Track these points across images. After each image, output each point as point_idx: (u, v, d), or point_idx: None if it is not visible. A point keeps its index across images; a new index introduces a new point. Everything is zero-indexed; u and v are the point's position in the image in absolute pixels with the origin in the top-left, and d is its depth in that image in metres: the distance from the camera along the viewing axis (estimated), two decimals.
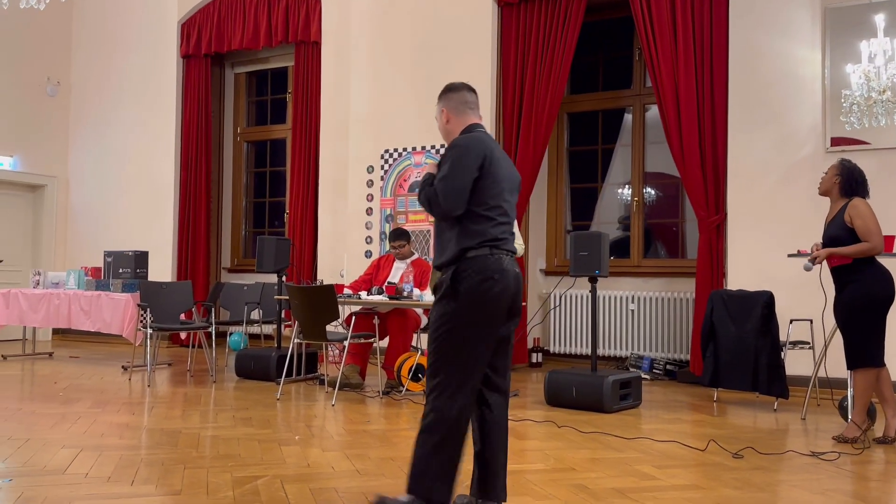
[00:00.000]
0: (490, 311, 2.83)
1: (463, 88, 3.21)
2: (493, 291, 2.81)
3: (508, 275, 2.85)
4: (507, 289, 2.85)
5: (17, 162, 10.25)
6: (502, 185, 2.92)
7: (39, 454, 3.91)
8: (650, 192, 8.19)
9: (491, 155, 2.91)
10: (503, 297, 2.84)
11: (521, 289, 2.94)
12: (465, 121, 3.12)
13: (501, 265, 2.84)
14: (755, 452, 4.17)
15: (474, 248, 2.84)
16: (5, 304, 8.00)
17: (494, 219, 2.88)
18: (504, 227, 2.90)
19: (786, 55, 6.71)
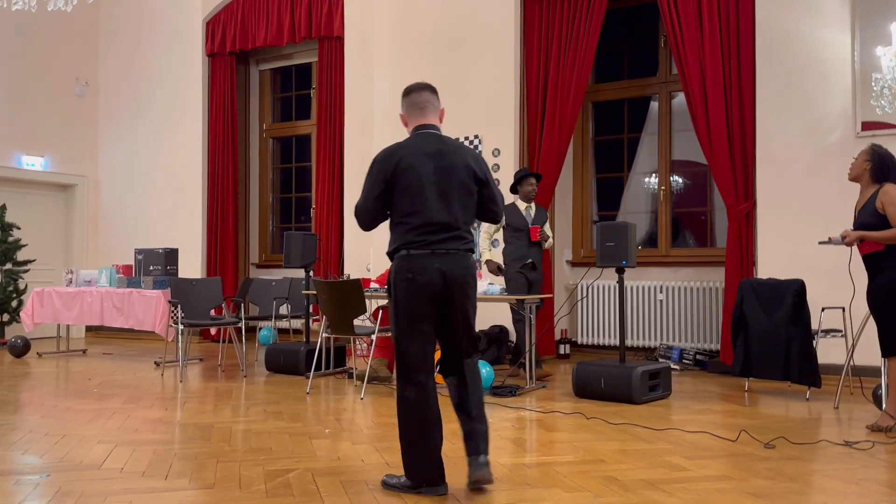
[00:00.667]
0: (415, 305, 3.14)
1: (415, 90, 3.36)
2: (414, 287, 3.13)
3: (430, 271, 3.13)
4: (430, 283, 3.14)
5: (48, 162, 10.41)
6: (419, 190, 3.15)
7: (75, 450, 3.99)
8: (677, 181, 8.12)
9: (399, 164, 3.15)
10: (426, 291, 3.13)
11: (454, 282, 3.18)
12: (416, 122, 3.34)
13: (420, 264, 3.13)
14: (787, 442, 4.13)
15: (396, 251, 3.21)
16: (40, 303, 8.15)
17: (409, 223, 3.16)
18: (425, 229, 3.15)
19: (814, 39, 6.60)
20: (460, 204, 3.23)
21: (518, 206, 6.70)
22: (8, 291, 9.31)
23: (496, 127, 8.08)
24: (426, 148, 3.22)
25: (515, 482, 3.38)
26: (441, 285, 3.16)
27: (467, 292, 3.23)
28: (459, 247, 3.23)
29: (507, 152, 8.02)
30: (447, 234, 3.19)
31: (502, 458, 3.82)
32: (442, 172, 3.19)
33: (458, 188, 3.22)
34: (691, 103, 7.10)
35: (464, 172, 3.23)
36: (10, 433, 4.38)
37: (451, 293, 3.18)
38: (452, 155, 3.23)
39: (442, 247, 3.18)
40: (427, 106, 3.34)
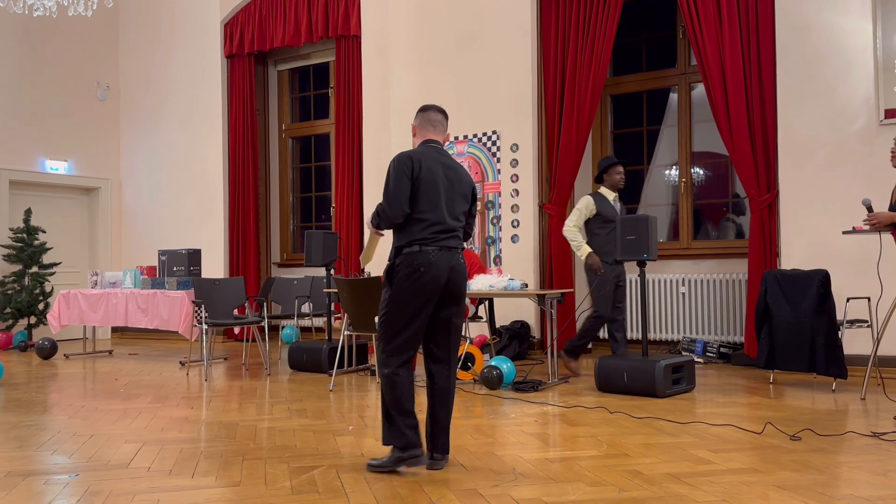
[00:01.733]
0: (418, 297, 3.45)
1: (431, 109, 3.78)
2: (421, 281, 3.44)
3: (438, 267, 3.46)
4: (436, 278, 3.46)
5: (72, 166, 10.54)
6: (436, 193, 3.51)
7: (103, 449, 4.04)
8: (698, 173, 8.06)
9: (422, 166, 3.52)
10: (432, 285, 3.45)
11: (459, 277, 3.54)
12: (425, 136, 3.74)
13: (429, 259, 3.45)
14: (814, 434, 4.09)
15: (406, 245, 3.49)
16: (66, 305, 8.25)
17: (425, 220, 3.49)
18: (436, 228, 3.49)
19: (835, 26, 6.52)
20: (461, 211, 3.65)
21: (607, 196, 6.35)
22: (34, 294, 9.44)
23: (514, 122, 8.06)
24: (442, 160, 3.62)
25: (539, 476, 3.38)
26: (446, 279, 3.50)
27: (461, 288, 3.60)
28: (458, 246, 3.61)
29: (525, 147, 8.00)
30: (450, 235, 3.56)
31: (525, 453, 3.82)
32: (452, 183, 3.60)
33: (460, 198, 3.63)
34: (711, 94, 7.04)
35: (465, 186, 3.67)
36: (39, 434, 4.45)
37: (450, 287, 3.53)
38: (458, 170, 3.66)
39: (447, 244, 3.53)
40: (439, 126, 3.75)
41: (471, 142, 8.32)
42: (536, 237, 7.97)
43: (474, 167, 8.28)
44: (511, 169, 8.08)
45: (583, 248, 6.23)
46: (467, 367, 6.13)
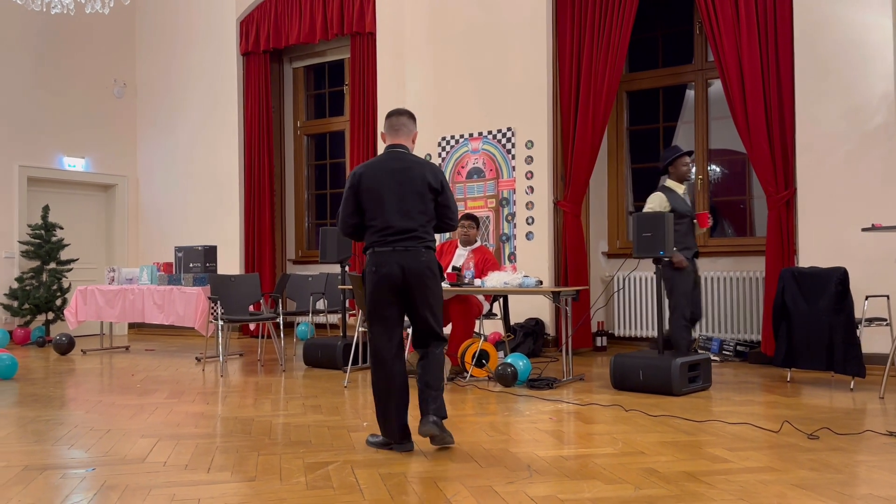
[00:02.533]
0: (378, 291, 3.82)
1: (394, 115, 4.01)
2: (376, 277, 3.81)
3: (387, 266, 3.78)
4: (390, 274, 3.79)
5: (89, 163, 10.62)
6: (380, 199, 3.82)
7: (120, 444, 4.06)
8: (715, 170, 8.00)
9: (363, 178, 3.85)
10: (387, 280, 3.79)
11: (412, 273, 3.79)
12: (390, 140, 3.99)
13: (379, 260, 3.81)
14: (831, 433, 4.05)
15: (365, 250, 3.91)
16: (83, 301, 8.32)
17: (373, 226, 3.84)
18: (385, 231, 3.80)
19: (853, 22, 6.45)
20: (418, 209, 3.84)
21: (676, 190, 6.07)
22: (52, 290, 9.52)
23: (529, 119, 8.04)
24: (391, 164, 3.87)
25: (554, 474, 3.37)
26: (400, 276, 3.78)
27: (425, 282, 3.82)
28: (417, 245, 3.82)
29: (540, 144, 7.98)
30: (405, 235, 3.80)
31: (540, 450, 3.81)
32: (401, 184, 3.83)
33: (415, 196, 3.84)
34: (728, 90, 6.99)
35: (420, 183, 3.85)
36: (56, 428, 4.48)
37: (409, 283, 3.80)
38: (411, 170, 3.86)
39: (401, 245, 3.79)
40: (401, 129, 3.98)
41: (485, 139, 8.30)
42: (551, 234, 7.95)
43: (489, 164, 8.27)
44: (526, 166, 8.06)
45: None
46: (482, 365, 6.12)
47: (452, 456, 3.72)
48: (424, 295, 3.84)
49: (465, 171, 8.44)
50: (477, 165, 8.37)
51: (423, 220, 3.84)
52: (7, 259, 9.65)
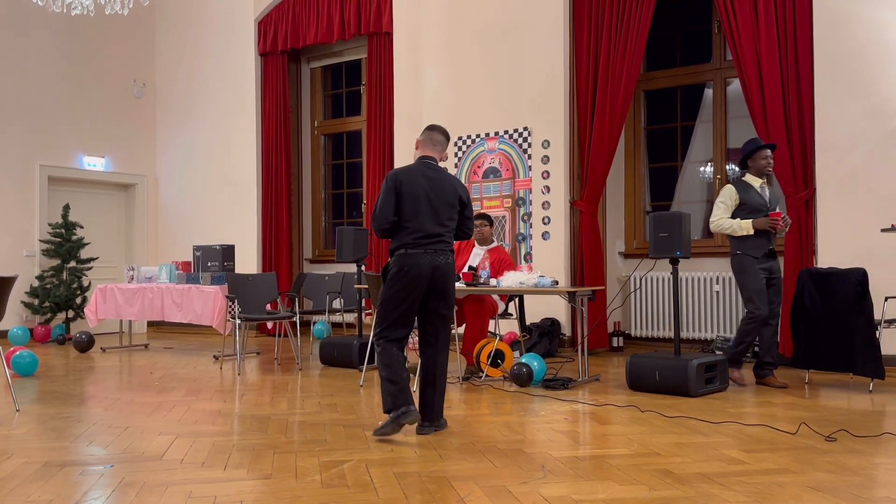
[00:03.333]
0: (403, 289, 4.11)
1: (436, 130, 4.36)
2: (406, 278, 4.10)
3: (420, 266, 4.09)
4: (420, 275, 4.10)
5: (109, 163, 10.72)
6: (416, 204, 4.13)
7: (138, 441, 4.10)
8: (734, 169, 7.95)
9: (404, 181, 4.15)
10: (416, 282, 4.10)
11: (442, 276, 4.15)
12: (424, 152, 4.33)
13: (412, 261, 4.10)
14: (849, 435, 4.02)
15: (396, 249, 4.17)
16: (103, 299, 8.40)
17: (408, 227, 4.13)
18: (418, 234, 4.11)
19: (874, 20, 6.39)
20: (448, 217, 4.20)
21: (752, 183, 5.73)
22: (72, 288, 9.62)
23: (546, 118, 8.02)
24: (427, 173, 4.21)
25: (568, 474, 3.37)
26: (429, 276, 4.12)
27: (448, 283, 4.21)
28: (445, 248, 4.19)
29: (556, 144, 7.96)
30: (435, 239, 4.15)
31: (555, 450, 3.81)
32: (436, 193, 4.17)
33: (446, 206, 4.19)
34: (747, 90, 6.94)
35: (451, 195, 4.22)
36: (75, 425, 4.53)
37: (435, 282, 4.15)
38: (443, 182, 4.21)
39: (432, 248, 4.14)
40: (438, 145, 4.35)
41: (502, 138, 8.30)
42: (567, 234, 7.93)
43: (505, 164, 8.26)
44: (542, 165, 8.04)
45: (744, 224, 5.57)
46: (497, 364, 6.12)
47: (467, 455, 3.73)
48: (446, 293, 4.21)
49: (481, 170, 8.44)
50: (493, 165, 8.36)
51: (450, 227, 4.23)
52: (28, 257, 9.76)
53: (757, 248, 5.59)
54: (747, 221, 5.57)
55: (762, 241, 5.60)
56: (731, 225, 5.63)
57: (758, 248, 5.59)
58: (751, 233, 5.55)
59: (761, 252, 5.59)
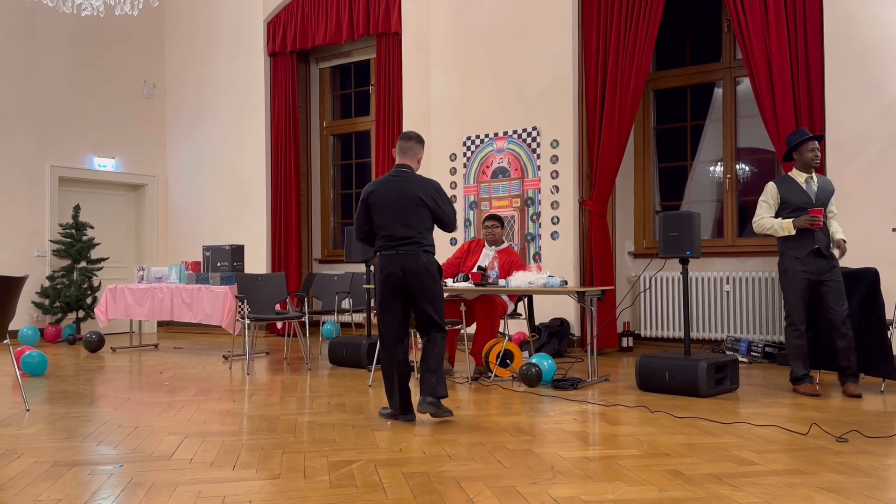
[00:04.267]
0: (383, 291, 4.55)
1: (404, 138, 4.73)
2: (382, 276, 4.55)
3: (391, 267, 4.50)
4: (392, 274, 4.50)
5: (119, 163, 10.76)
6: (384, 212, 4.54)
7: (147, 441, 4.11)
8: (744, 169, 7.91)
9: (372, 193, 4.59)
10: (391, 279, 4.51)
11: (414, 275, 4.48)
12: (398, 160, 4.72)
13: (384, 261, 4.54)
14: (861, 436, 3.99)
15: (375, 252, 4.65)
16: (113, 299, 8.43)
17: (380, 233, 4.58)
18: (389, 239, 4.52)
19: (885, 19, 6.34)
20: (415, 219, 4.52)
21: (796, 178, 5.37)
22: (83, 288, 9.66)
23: (554, 118, 8.00)
24: (394, 182, 4.59)
25: (578, 475, 3.35)
26: (401, 276, 4.49)
27: (422, 280, 4.51)
28: (417, 249, 4.50)
29: (565, 143, 7.94)
30: (405, 241, 4.50)
31: (564, 451, 3.80)
32: (401, 199, 4.53)
33: (410, 209, 4.52)
34: (757, 89, 6.91)
35: (412, 198, 4.54)
36: (85, 425, 4.55)
37: (409, 282, 4.50)
38: (408, 185, 4.56)
39: (402, 249, 4.49)
40: (408, 151, 4.70)
41: (510, 138, 8.28)
42: (577, 234, 7.91)
43: (514, 163, 8.25)
44: (551, 165, 8.03)
45: (784, 224, 5.26)
46: (506, 364, 6.11)
47: (475, 456, 3.72)
48: (423, 291, 4.52)
49: (489, 170, 8.43)
50: (502, 165, 8.35)
51: (420, 229, 4.53)
52: (38, 258, 9.81)
53: (800, 248, 5.24)
54: (788, 221, 5.24)
55: (806, 241, 5.22)
56: (771, 225, 5.32)
57: (801, 248, 5.23)
58: (792, 233, 5.23)
59: (805, 252, 5.22)
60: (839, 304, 5.18)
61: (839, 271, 5.24)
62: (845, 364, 5.22)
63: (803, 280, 5.23)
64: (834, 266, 5.23)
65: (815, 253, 5.22)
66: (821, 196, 5.31)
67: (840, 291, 5.20)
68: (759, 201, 5.46)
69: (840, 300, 5.19)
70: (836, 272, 5.22)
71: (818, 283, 5.23)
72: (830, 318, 5.20)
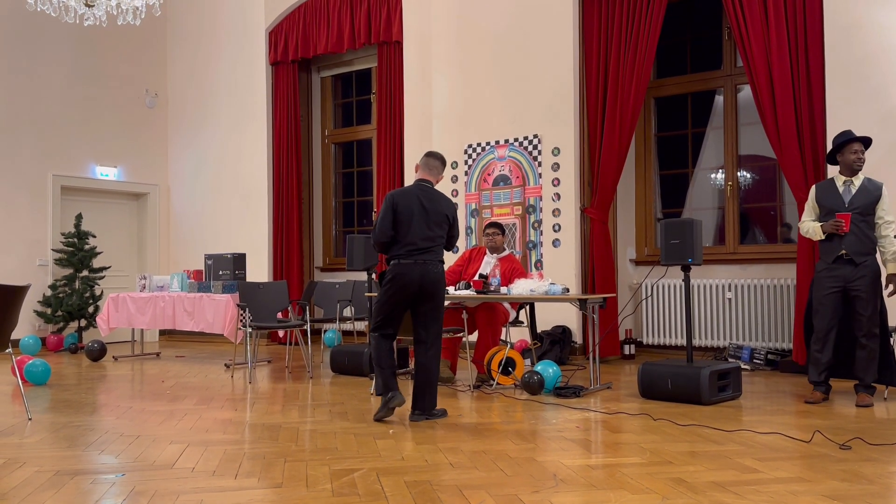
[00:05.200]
0: (395, 294, 4.76)
1: (432, 156, 5.00)
2: (398, 284, 4.74)
3: (409, 275, 4.71)
4: (410, 283, 4.72)
5: (122, 172, 10.78)
6: (409, 221, 4.74)
7: (149, 450, 4.11)
8: (745, 176, 7.92)
9: (399, 202, 4.78)
10: (406, 288, 4.73)
11: (431, 283, 4.73)
12: (421, 175, 4.96)
13: (402, 269, 4.73)
14: (864, 443, 3.98)
15: (391, 259, 4.81)
16: (115, 308, 8.43)
17: (400, 241, 4.76)
18: (409, 247, 4.73)
19: (886, 26, 6.36)
20: (437, 233, 4.80)
21: (835, 182, 5.25)
22: (85, 297, 9.67)
23: (556, 125, 8.02)
24: (420, 194, 4.82)
25: (581, 483, 3.34)
26: (418, 284, 4.72)
27: (437, 289, 4.79)
28: (434, 259, 4.78)
29: (566, 151, 7.95)
30: (423, 251, 4.75)
31: (567, 459, 3.79)
32: (427, 212, 4.78)
33: (435, 223, 4.79)
34: (758, 96, 6.92)
35: (440, 214, 4.82)
36: (87, 434, 4.54)
37: (424, 288, 4.74)
38: (435, 202, 4.82)
39: (422, 258, 4.73)
40: (433, 169, 4.97)
41: (512, 146, 8.30)
42: (578, 241, 7.92)
43: (515, 171, 8.26)
44: (552, 173, 8.03)
45: (815, 228, 5.22)
46: (508, 372, 6.10)
47: (478, 464, 3.71)
48: (434, 298, 4.78)
49: (491, 178, 8.44)
50: (503, 173, 8.36)
51: (439, 241, 4.82)
52: (41, 267, 9.82)
53: (827, 252, 5.18)
54: (818, 225, 5.20)
55: (833, 246, 5.13)
56: (807, 229, 5.29)
57: (828, 252, 5.17)
58: (822, 237, 5.19)
59: (831, 257, 5.14)
60: (864, 314, 5.08)
61: (869, 280, 5.07)
62: (861, 375, 5.17)
63: (829, 286, 5.15)
64: (863, 275, 5.07)
65: (843, 259, 5.11)
66: (858, 201, 5.13)
67: (867, 301, 5.07)
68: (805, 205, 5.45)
69: (866, 310, 5.07)
70: (864, 281, 5.06)
71: (845, 290, 5.13)
72: (853, 327, 5.16)
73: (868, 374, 5.14)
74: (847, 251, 5.10)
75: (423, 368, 4.79)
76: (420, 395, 4.78)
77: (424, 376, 4.78)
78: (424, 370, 4.79)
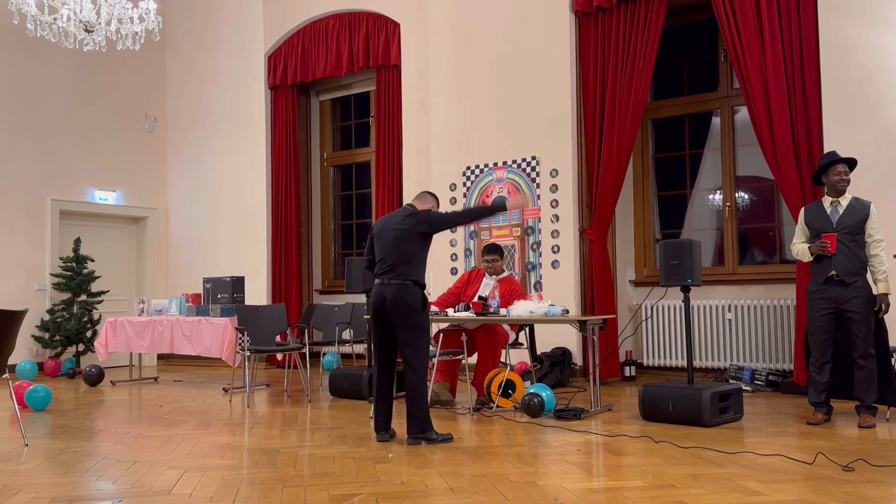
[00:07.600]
0: (372, 316, 4.90)
1: (424, 192, 5.17)
2: (369, 306, 5.04)
3: (375, 296, 4.82)
4: (375, 302, 4.82)
5: (121, 196, 10.80)
6: (381, 243, 4.89)
7: (146, 475, 4.07)
8: (743, 197, 7.93)
9: (376, 226, 4.97)
10: (374, 307, 4.84)
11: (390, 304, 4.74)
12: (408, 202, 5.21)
13: (374, 290, 4.87)
14: (867, 465, 3.95)
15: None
16: (113, 333, 8.40)
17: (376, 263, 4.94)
18: (379, 268, 4.87)
19: (881, 46, 6.40)
20: (399, 252, 4.79)
21: (823, 203, 5.29)
22: (83, 322, 9.64)
23: (554, 148, 8.05)
24: (389, 215, 4.98)
25: None
26: (382, 304, 4.80)
27: (397, 310, 4.76)
28: (395, 280, 4.77)
29: (565, 173, 7.97)
30: (385, 268, 4.83)
31: (568, 482, 3.75)
32: (391, 231, 4.85)
33: (398, 242, 4.81)
34: (755, 117, 6.95)
35: (394, 230, 4.84)
36: (84, 460, 4.51)
37: (388, 310, 4.79)
38: (394, 217, 4.92)
39: (385, 278, 4.81)
40: (421, 199, 5.10)
41: (510, 168, 8.32)
42: (577, 263, 7.91)
43: (514, 193, 8.27)
44: (551, 194, 8.05)
45: (803, 250, 5.29)
46: (508, 395, 6.07)
47: (478, 488, 3.68)
48: (399, 321, 4.77)
49: (490, 200, 8.45)
50: (502, 194, 8.37)
51: (403, 259, 4.78)
52: (38, 291, 9.80)
53: (818, 273, 5.21)
54: (806, 246, 5.27)
55: (823, 267, 5.16)
56: (797, 251, 5.35)
57: (819, 273, 5.21)
58: (811, 258, 5.24)
59: (822, 278, 5.17)
60: (858, 335, 5.07)
61: (861, 301, 5.06)
62: (861, 396, 5.14)
63: (822, 308, 5.17)
64: (856, 296, 5.06)
65: (833, 280, 5.13)
66: (846, 220, 5.15)
67: (860, 322, 5.06)
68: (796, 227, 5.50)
69: (860, 330, 5.06)
70: (857, 302, 5.06)
71: (838, 311, 5.14)
72: (849, 349, 5.15)
73: (868, 394, 5.12)
74: (837, 272, 5.12)
75: (407, 395, 4.86)
76: (409, 419, 4.84)
77: (407, 400, 4.86)
78: (408, 397, 4.85)
